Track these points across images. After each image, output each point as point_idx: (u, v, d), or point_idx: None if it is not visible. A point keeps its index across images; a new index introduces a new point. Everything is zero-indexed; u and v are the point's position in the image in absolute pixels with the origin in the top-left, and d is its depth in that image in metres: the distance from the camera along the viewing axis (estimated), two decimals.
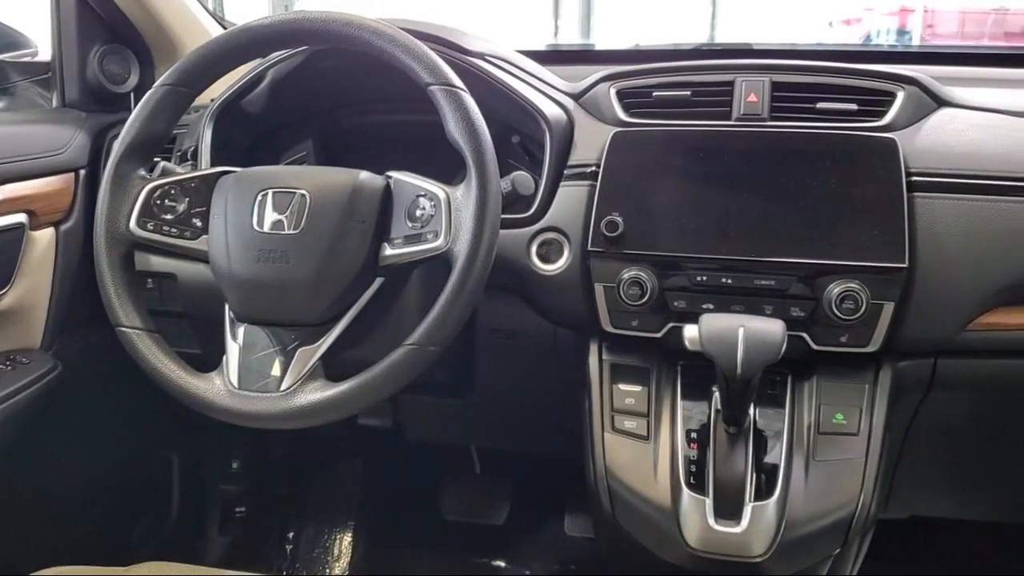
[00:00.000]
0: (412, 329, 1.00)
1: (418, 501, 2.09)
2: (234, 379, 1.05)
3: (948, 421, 1.29)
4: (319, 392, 1.02)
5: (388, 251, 1.04)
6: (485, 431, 1.70)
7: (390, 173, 1.07)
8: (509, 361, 1.38)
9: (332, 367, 1.05)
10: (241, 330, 1.07)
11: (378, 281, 1.07)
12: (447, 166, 1.09)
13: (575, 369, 1.26)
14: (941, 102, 1.21)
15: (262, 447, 2.03)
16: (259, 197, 1.05)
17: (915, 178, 1.12)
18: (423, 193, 1.03)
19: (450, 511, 2.05)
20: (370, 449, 2.09)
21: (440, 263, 1.01)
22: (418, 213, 1.02)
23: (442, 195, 1.01)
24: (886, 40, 7.98)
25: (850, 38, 8.18)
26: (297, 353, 1.04)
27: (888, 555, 1.40)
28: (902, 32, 8.10)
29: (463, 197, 1.00)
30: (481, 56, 1.27)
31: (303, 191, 1.04)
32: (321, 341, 1.05)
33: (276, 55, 1.30)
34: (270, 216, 1.04)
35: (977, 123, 1.19)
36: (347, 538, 2.01)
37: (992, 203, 1.11)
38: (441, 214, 1.00)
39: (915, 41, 7.92)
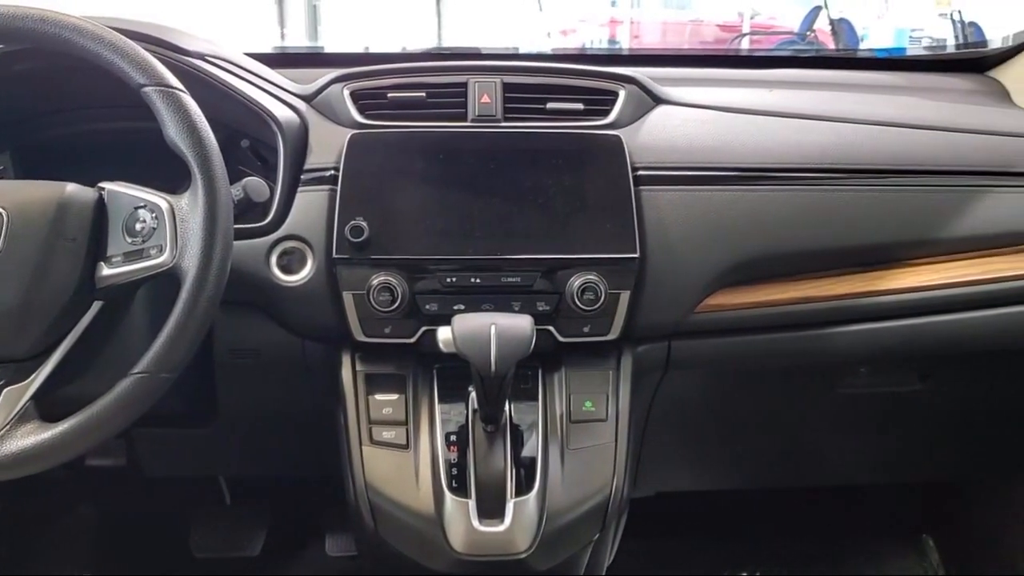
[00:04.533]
0: (140, 356, 0.91)
1: (164, 542, 1.94)
2: None
3: (684, 399, 1.39)
4: (32, 436, 0.91)
5: (105, 271, 0.94)
6: (234, 459, 1.60)
7: (102, 184, 0.97)
8: (254, 381, 1.30)
9: (48, 406, 0.94)
10: None
11: (96, 305, 0.97)
12: (172, 176, 1.01)
13: (327, 383, 1.21)
14: (658, 100, 1.28)
15: None
16: None
17: (640, 172, 1.18)
18: (142, 204, 0.94)
19: (200, 548, 1.91)
20: (103, 492, 1.90)
21: (167, 280, 0.93)
22: (138, 227, 0.94)
23: (164, 205, 0.93)
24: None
25: (567, 47, 8.68)
26: (3, 393, 0.92)
27: (640, 533, 1.48)
28: (612, 41, 8.73)
29: (189, 206, 0.93)
30: (201, 56, 1.18)
31: None
32: (32, 377, 0.94)
33: None
34: None
35: (691, 119, 1.27)
36: None
37: (708, 193, 1.19)
38: (164, 226, 0.92)
39: (625, 48, 8.55)
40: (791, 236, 1.21)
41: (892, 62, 1.92)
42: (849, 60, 2.35)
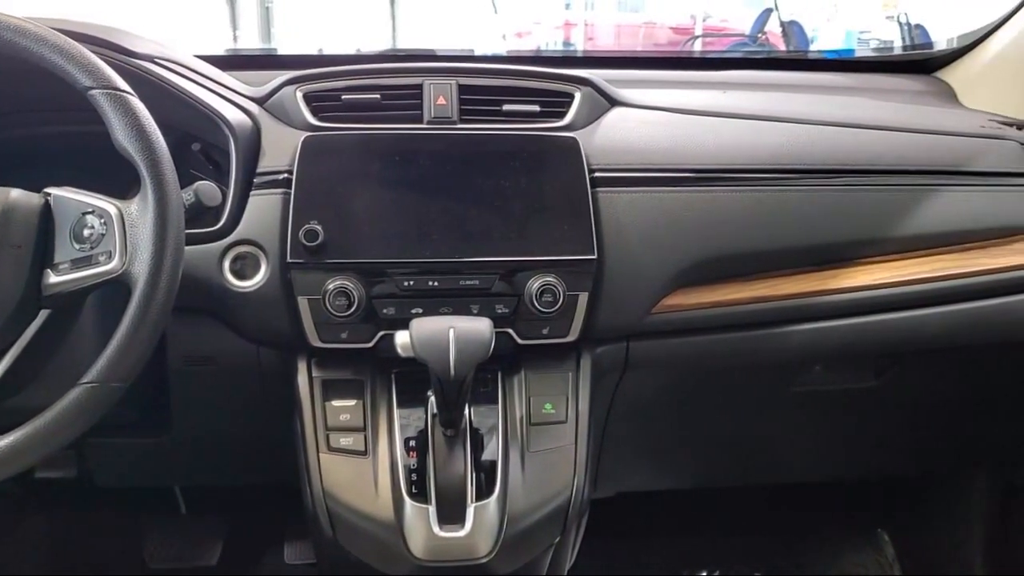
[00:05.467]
0: (89, 365, 0.89)
1: (118, 554, 1.90)
2: None
3: (643, 400, 1.39)
4: None
5: (52, 278, 0.92)
6: (189, 468, 1.57)
7: (49, 189, 0.95)
8: (209, 389, 1.28)
9: None
10: None
11: (44, 314, 0.94)
12: (122, 181, 0.99)
13: (283, 390, 1.19)
14: (614, 102, 1.29)
15: None
16: None
17: (597, 174, 1.18)
18: (90, 210, 0.92)
19: (155, 558, 1.88)
20: (54, 504, 1.86)
21: (117, 287, 0.91)
22: (86, 233, 0.92)
23: (113, 211, 0.91)
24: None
25: (523, 49, 8.70)
26: None
27: (602, 534, 1.48)
28: (567, 43, 8.78)
29: (139, 212, 0.91)
30: (150, 58, 1.16)
31: None
32: None
33: None
34: None
35: (646, 120, 1.28)
36: None
37: (663, 194, 1.20)
38: (114, 232, 0.90)
39: (580, 50, 8.60)
40: (746, 236, 1.22)
41: (842, 63, 1.95)
42: (800, 62, 2.39)
